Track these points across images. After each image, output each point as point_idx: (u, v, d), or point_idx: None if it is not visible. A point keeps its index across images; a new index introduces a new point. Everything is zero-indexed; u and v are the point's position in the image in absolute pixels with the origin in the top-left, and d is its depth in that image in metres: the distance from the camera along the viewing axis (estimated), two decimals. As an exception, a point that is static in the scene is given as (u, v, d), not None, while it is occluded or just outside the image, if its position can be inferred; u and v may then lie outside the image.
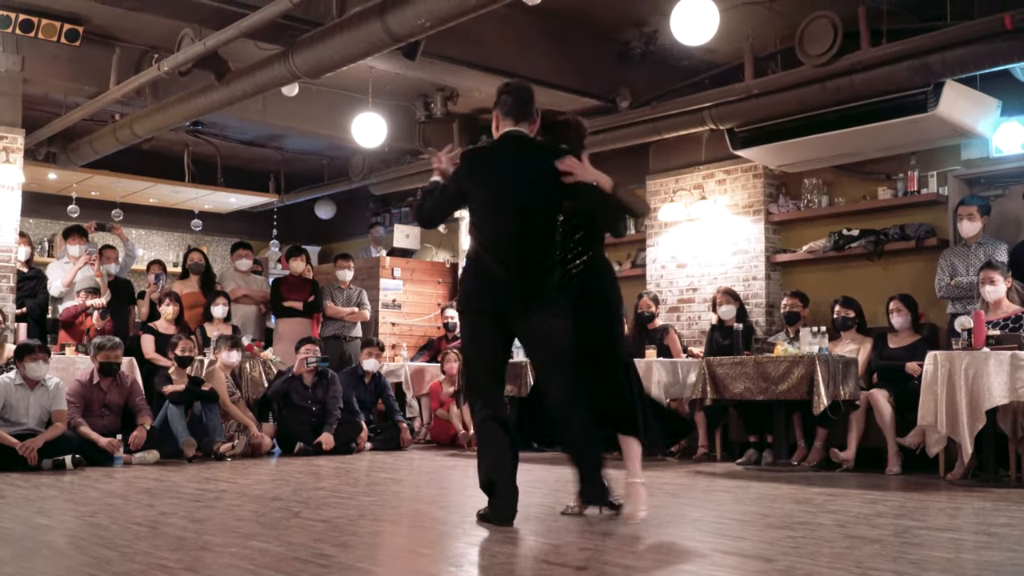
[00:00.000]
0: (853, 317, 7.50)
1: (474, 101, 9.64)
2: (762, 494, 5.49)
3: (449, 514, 4.79)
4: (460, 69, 7.84)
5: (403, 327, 11.26)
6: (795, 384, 6.58)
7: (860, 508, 4.88)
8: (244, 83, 7.48)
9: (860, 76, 6.98)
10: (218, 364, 8.15)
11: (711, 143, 8.93)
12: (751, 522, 4.47)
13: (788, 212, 8.66)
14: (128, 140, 9.16)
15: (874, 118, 7.27)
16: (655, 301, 8.63)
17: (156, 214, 12.61)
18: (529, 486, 5.74)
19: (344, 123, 8.95)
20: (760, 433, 7.41)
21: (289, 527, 4.14)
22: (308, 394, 8.35)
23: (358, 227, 13.32)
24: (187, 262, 9.84)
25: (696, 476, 6.52)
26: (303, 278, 9.87)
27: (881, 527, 4.25)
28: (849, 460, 6.86)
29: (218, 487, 5.74)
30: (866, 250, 8.04)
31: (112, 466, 6.97)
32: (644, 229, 9.63)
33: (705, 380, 7.07)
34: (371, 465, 7.36)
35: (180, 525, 4.18)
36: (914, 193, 7.87)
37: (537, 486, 5.68)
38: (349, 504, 4.93)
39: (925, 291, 7.41)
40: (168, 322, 8.71)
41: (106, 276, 9.02)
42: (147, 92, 8.44)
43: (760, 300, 8.68)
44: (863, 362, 7.25)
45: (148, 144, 10.37)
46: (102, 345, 7.32)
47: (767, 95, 7.59)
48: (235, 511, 4.68)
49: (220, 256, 12.92)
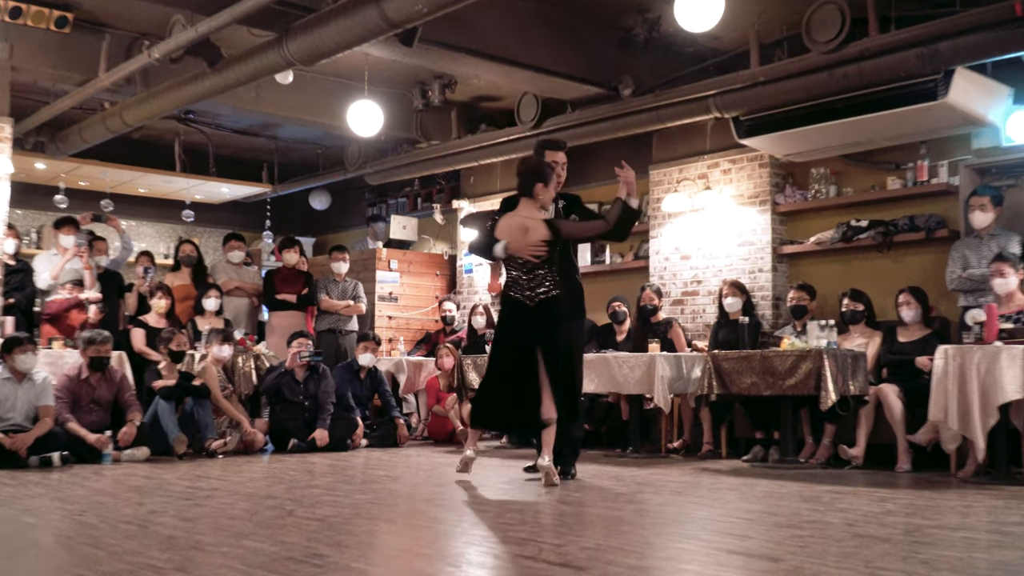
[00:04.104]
0: (862, 310, 7.49)
1: (472, 89, 9.63)
2: (769, 492, 5.48)
3: (447, 513, 4.77)
4: (458, 56, 7.81)
5: (400, 321, 11.25)
6: (802, 379, 6.57)
7: (869, 506, 4.87)
8: (237, 70, 7.45)
9: (868, 63, 6.96)
10: (209, 358, 8.14)
11: (716, 132, 8.91)
12: (757, 521, 4.46)
13: (795, 202, 8.64)
14: (118, 129, 9.14)
15: (883, 106, 7.24)
16: (658, 294, 8.61)
17: (146, 204, 12.59)
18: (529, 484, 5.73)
19: (339, 111, 8.92)
20: (767, 429, 7.40)
21: (283, 526, 4.13)
22: (300, 389, 8.34)
23: (354, 218, 13.31)
24: (179, 254, 9.83)
25: (701, 473, 6.51)
26: (297, 270, 9.85)
27: (891, 526, 4.24)
28: (858, 457, 6.84)
29: (209, 485, 5.73)
30: (875, 241, 8.02)
31: (101, 463, 6.95)
32: (647, 220, 9.61)
33: (710, 375, 7.06)
34: (367, 462, 7.35)
35: (170, 524, 4.17)
36: (924, 183, 7.84)
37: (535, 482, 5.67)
38: (344, 502, 4.92)
39: (936, 284, 7.39)
40: (159, 315, 8.70)
41: (95, 268, 9.00)
42: (137, 80, 8.42)
43: (766, 293, 8.66)
44: (872, 356, 7.23)
45: (138, 133, 10.37)
46: (92, 339, 7.30)
47: (773, 83, 7.57)
48: (227, 509, 4.67)
49: (212, 248, 12.89)
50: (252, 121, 10.87)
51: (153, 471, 6.48)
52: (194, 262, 9.67)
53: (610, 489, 5.61)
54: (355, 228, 13.27)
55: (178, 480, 5.95)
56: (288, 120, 10.17)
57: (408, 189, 12.43)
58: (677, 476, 6.32)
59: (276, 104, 9.47)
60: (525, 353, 5.60)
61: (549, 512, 4.66)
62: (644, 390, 7.46)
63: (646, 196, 9.71)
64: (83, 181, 11.35)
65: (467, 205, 11.34)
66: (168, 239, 12.98)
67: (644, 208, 9.73)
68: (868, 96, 7.26)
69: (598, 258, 10.10)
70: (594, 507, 4.90)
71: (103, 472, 6.44)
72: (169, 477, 6.12)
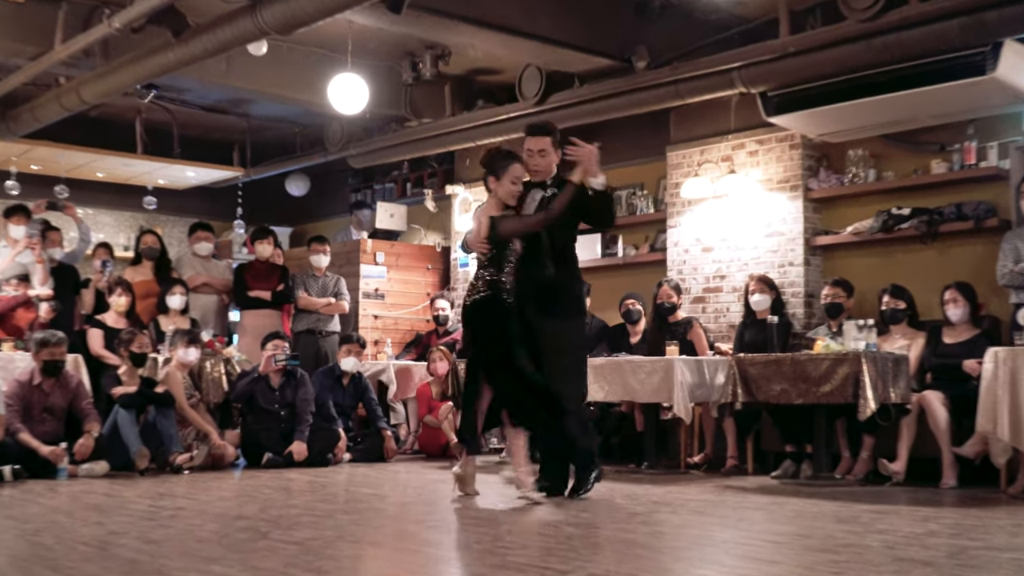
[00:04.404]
0: (904, 309, 7.51)
1: (468, 61, 9.63)
2: (800, 512, 5.52)
3: (440, 535, 4.80)
4: (452, 24, 7.82)
5: (387, 321, 11.27)
6: (838, 386, 6.59)
7: (911, 527, 4.90)
8: (205, 40, 7.46)
9: (909, 33, 6.97)
10: (174, 363, 8.17)
11: (741, 109, 8.92)
12: (787, 544, 4.49)
13: (830, 188, 8.66)
14: (74, 107, 9.14)
15: (926, 81, 7.25)
16: (677, 291, 8.63)
17: (104, 191, 12.59)
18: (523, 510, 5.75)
19: (319, 86, 8.93)
20: (798, 442, 7.41)
21: (256, 550, 4.16)
22: (275, 397, 8.36)
23: (335, 205, 13.32)
24: (139, 246, 9.84)
25: (725, 491, 6.54)
26: (271, 264, 9.87)
27: (934, 548, 4.27)
28: (899, 472, 6.87)
29: (175, 504, 5.76)
30: (918, 232, 8.04)
31: (56, 478, 6.99)
32: (664, 208, 9.63)
33: (735, 381, 7.09)
34: (350, 479, 7.38)
35: (133, 547, 4.20)
36: (972, 166, 7.86)
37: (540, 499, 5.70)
38: (325, 524, 4.95)
39: (985, 278, 7.41)
40: (118, 314, 8.72)
41: (48, 262, 9.02)
42: (96, 52, 8.42)
43: (798, 289, 8.68)
44: (915, 360, 7.26)
45: (96, 111, 10.36)
46: (45, 341, 7.33)
47: (805, 54, 7.57)
48: (194, 531, 4.70)
49: (177, 239, 12.90)
50: (221, 97, 10.88)
51: (113, 487, 6.52)
52: (157, 255, 9.67)
53: (623, 508, 5.64)
54: (337, 217, 13.28)
55: (140, 498, 5.99)
56: (262, 96, 10.17)
57: (396, 173, 12.43)
58: (698, 494, 6.36)
59: (248, 78, 9.46)
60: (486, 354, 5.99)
61: (554, 535, 4.68)
62: (661, 398, 7.49)
63: (663, 180, 9.74)
64: (36, 165, 11.37)
65: (462, 191, 11.36)
66: (128, 229, 12.99)
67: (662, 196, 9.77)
68: (910, 69, 7.28)
69: (609, 250, 10.12)
70: (604, 529, 4.94)
71: (58, 488, 6.48)
72: (130, 494, 6.16)
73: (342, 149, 11.39)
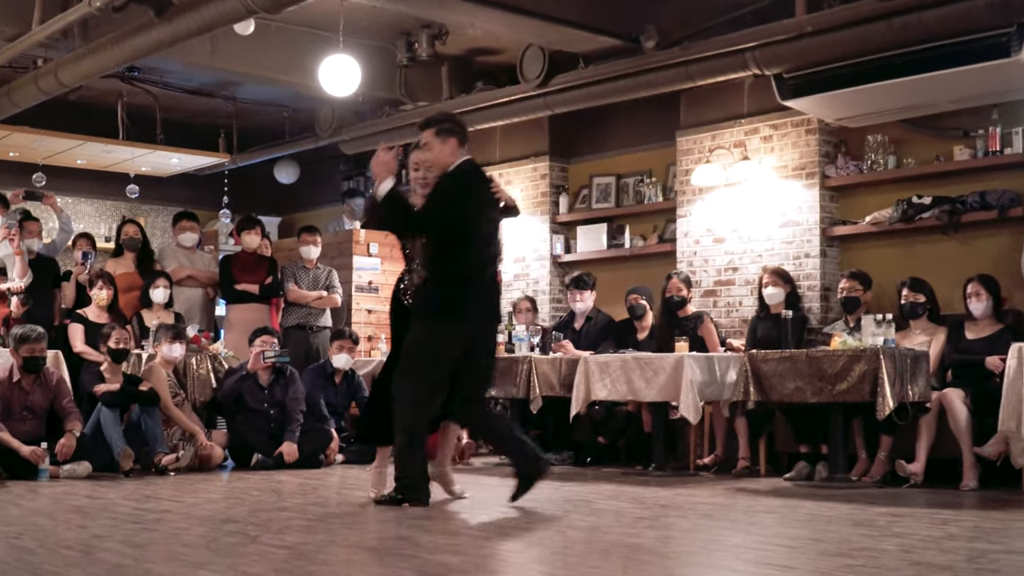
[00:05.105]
0: (924, 303, 7.55)
1: (467, 40, 9.64)
2: (814, 515, 5.56)
3: (435, 539, 4.85)
4: (449, 1, 7.85)
5: (381, 315, 11.29)
6: (856, 383, 6.62)
7: (929, 530, 4.95)
8: (189, 19, 7.47)
9: (931, 13, 6.99)
10: (158, 359, 8.21)
11: (755, 92, 8.94)
12: (801, 548, 4.53)
13: (848, 175, 8.69)
14: (52, 90, 9.16)
15: (948, 63, 7.27)
16: (687, 283, 8.66)
17: (84, 178, 12.60)
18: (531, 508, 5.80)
19: (309, 68, 8.94)
20: (813, 442, 7.46)
21: (245, 554, 4.20)
22: (264, 395, 8.40)
23: (326, 194, 13.35)
24: (121, 236, 9.84)
25: (736, 494, 6.59)
26: (259, 255, 9.89)
27: (953, 552, 4.32)
28: (918, 474, 6.91)
29: (160, 506, 5.81)
30: (940, 221, 8.06)
31: (37, 480, 7.04)
32: (673, 196, 9.66)
33: (747, 379, 7.11)
34: (343, 481, 7.43)
35: (117, 551, 4.25)
36: (996, 153, 7.89)
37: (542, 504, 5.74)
38: (317, 528, 4.99)
39: (1009, 271, 7.45)
40: (100, 309, 8.76)
41: (26, 254, 9.05)
42: (75, 33, 8.43)
43: (814, 282, 8.71)
44: (935, 356, 7.29)
45: (76, 95, 10.37)
46: (25, 337, 7.37)
47: (822, 33, 7.58)
48: (181, 535, 4.75)
49: (160, 229, 12.95)
50: (206, 79, 10.89)
51: (96, 489, 6.57)
52: (139, 246, 9.69)
53: (628, 512, 5.68)
54: (328, 205, 13.31)
55: (124, 500, 6.04)
56: (249, 78, 10.19)
57: (390, 159, 12.43)
58: (708, 497, 6.40)
59: (235, 59, 9.47)
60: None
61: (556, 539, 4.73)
62: (669, 397, 7.52)
63: (672, 167, 9.77)
64: (13, 152, 11.39)
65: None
66: (110, 218, 13.01)
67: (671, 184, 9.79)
68: (932, 51, 7.29)
69: (616, 241, 10.13)
70: (609, 533, 4.97)
71: (39, 490, 6.53)
72: (114, 496, 6.21)
73: (333, 134, 11.38)
